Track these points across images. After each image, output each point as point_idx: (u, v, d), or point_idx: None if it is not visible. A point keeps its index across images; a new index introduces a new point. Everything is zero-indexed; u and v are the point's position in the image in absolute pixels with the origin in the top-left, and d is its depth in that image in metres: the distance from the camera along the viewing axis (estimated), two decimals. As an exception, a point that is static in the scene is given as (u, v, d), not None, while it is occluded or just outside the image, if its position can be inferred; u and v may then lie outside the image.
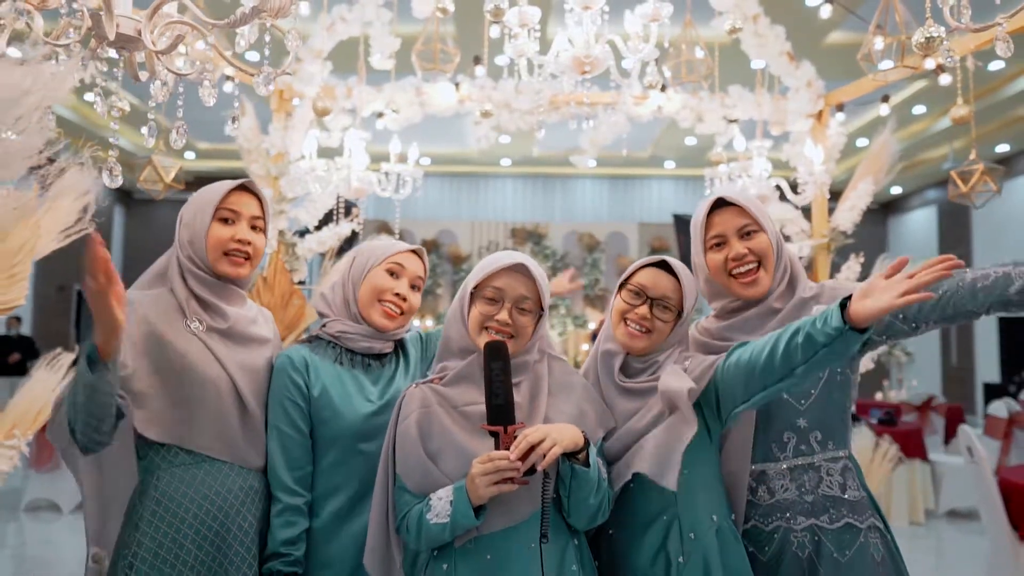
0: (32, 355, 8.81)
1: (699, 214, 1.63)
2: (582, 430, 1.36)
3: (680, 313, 1.52)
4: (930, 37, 1.96)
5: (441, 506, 1.32)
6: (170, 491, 1.46)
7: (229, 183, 1.59)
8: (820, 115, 4.62)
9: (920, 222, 12.70)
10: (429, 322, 11.10)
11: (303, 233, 4.39)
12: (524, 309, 1.45)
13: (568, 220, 12.27)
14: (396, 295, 1.64)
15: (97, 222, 1.99)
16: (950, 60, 1.72)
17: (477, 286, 1.46)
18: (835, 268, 4.72)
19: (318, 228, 4.37)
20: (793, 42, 4.52)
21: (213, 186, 1.60)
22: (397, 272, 1.65)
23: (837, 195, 4.75)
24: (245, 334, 1.59)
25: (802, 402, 1.54)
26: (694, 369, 1.46)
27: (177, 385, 1.47)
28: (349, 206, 4.38)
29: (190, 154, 10.92)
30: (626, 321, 1.51)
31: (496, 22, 2.72)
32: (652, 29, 2.48)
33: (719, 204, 1.61)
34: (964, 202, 3.62)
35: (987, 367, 10.83)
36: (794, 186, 4.19)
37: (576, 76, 2.57)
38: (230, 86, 4.41)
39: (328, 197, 4.23)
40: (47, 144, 1.22)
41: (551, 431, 1.30)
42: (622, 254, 11.98)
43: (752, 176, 4.33)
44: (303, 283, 4.22)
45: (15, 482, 5.67)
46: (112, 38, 1.16)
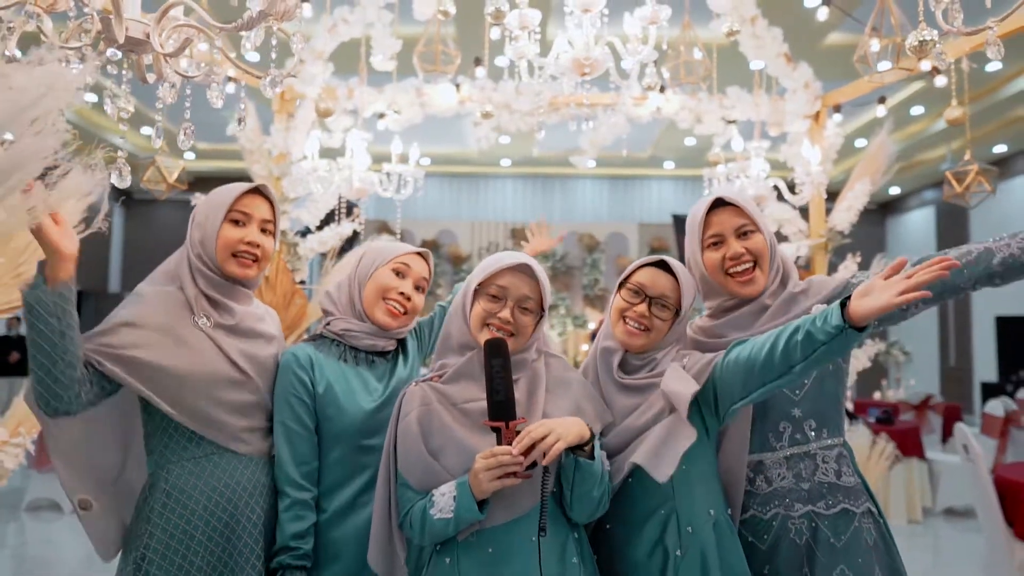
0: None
1: (697, 213, 1.66)
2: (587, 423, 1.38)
3: (678, 312, 1.55)
4: (923, 40, 1.99)
5: (444, 502, 1.34)
6: (180, 484, 1.49)
7: (243, 185, 1.61)
8: (818, 116, 4.64)
9: (918, 222, 12.71)
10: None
11: (305, 233, 4.42)
12: (526, 308, 1.47)
13: (568, 220, 12.26)
14: (401, 294, 1.66)
15: (102, 224, 2.01)
16: (943, 63, 1.75)
17: (481, 283, 1.48)
18: (832, 268, 4.73)
19: (320, 228, 4.39)
20: (791, 44, 4.54)
21: (226, 187, 1.61)
22: (403, 272, 1.68)
23: (835, 195, 4.78)
24: (252, 330, 1.62)
25: (796, 392, 1.58)
26: (692, 366, 1.49)
27: (185, 373, 1.49)
28: (350, 206, 4.40)
29: (190, 155, 10.93)
30: (625, 319, 1.54)
31: (497, 24, 2.75)
32: (651, 31, 2.51)
33: (717, 204, 1.63)
34: (959, 202, 3.65)
35: (985, 367, 10.85)
36: (792, 186, 4.21)
37: (576, 78, 2.59)
38: (232, 87, 4.43)
39: (330, 197, 4.26)
40: (63, 146, 1.24)
41: (555, 426, 1.32)
42: (622, 254, 11.99)
43: (750, 176, 4.35)
44: (304, 283, 4.24)
45: (16, 482, 5.68)
46: (122, 41, 1.18)
